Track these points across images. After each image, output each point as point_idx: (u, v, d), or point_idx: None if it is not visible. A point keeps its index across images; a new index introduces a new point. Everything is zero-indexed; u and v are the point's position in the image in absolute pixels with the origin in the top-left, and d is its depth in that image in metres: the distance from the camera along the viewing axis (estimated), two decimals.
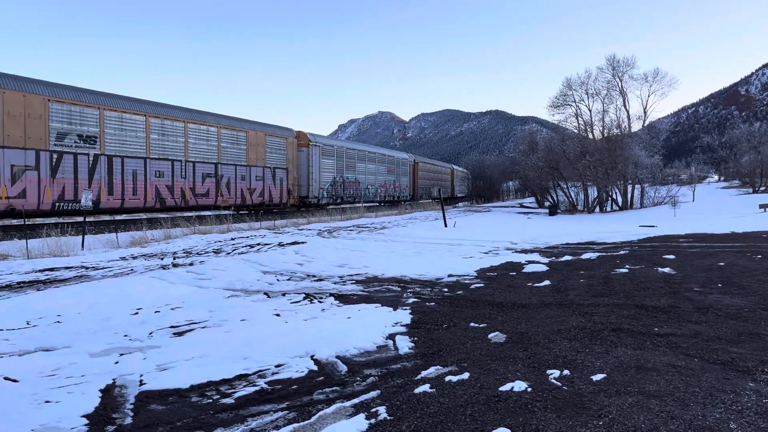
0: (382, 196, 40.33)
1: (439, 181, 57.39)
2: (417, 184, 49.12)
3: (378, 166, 40.08)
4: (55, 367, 4.66)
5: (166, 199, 20.91)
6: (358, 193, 36.10)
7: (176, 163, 21.39)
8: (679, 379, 4.17)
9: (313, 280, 9.49)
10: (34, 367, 4.65)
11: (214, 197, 23.43)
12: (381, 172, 40.54)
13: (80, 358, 4.95)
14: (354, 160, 35.94)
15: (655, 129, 43.78)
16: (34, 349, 5.23)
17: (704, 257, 11.46)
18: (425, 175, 52.09)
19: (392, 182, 42.75)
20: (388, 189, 41.72)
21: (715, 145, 78.62)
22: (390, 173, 42.52)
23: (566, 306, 7.05)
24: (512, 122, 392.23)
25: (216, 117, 24.33)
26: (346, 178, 34.58)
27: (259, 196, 26.39)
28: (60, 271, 9.95)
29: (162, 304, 7.32)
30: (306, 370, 4.63)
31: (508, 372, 4.45)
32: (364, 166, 37.68)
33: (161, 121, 20.81)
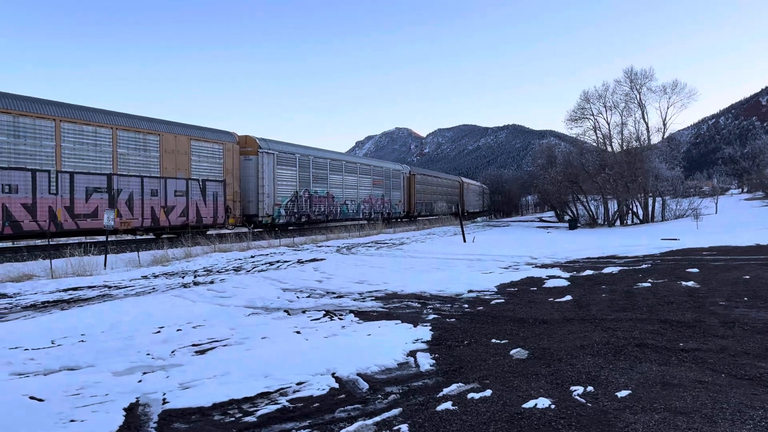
0: (366, 214, 34.67)
1: (444, 195, 53.00)
2: (414, 199, 43.30)
3: (360, 178, 34.42)
4: (80, 386, 4.70)
5: (22, 222, 15.81)
6: (333, 210, 30.66)
7: (40, 175, 16.30)
8: (706, 396, 4.10)
9: (332, 297, 9.50)
10: (59, 386, 4.69)
11: None
12: (365, 185, 34.88)
13: (104, 376, 4.99)
14: (325, 170, 30.29)
15: (675, 141, 43.40)
16: (58, 368, 5.29)
17: (729, 270, 11.28)
18: (425, 188, 46.81)
19: (380, 197, 36.91)
20: (374, 205, 36.00)
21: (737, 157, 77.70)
22: (377, 186, 36.73)
23: (588, 321, 6.97)
24: (530, 136, 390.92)
25: (110, 115, 19.01)
26: (314, 192, 29.11)
27: (180, 215, 21.01)
28: (83, 291, 10.09)
29: (184, 323, 7.37)
30: (327, 387, 4.63)
31: (531, 389, 4.41)
32: (341, 178, 31.96)
33: (14, 119, 15.83)
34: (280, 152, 26.33)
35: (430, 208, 47.32)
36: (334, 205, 30.80)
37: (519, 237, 27.43)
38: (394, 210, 39.69)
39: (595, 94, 40.64)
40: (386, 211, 37.90)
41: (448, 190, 54.76)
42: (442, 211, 49.89)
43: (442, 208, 50.13)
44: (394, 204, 39.58)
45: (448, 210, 51.53)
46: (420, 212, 44.64)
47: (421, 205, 45.13)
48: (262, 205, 25.04)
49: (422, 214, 45.49)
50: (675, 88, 39.53)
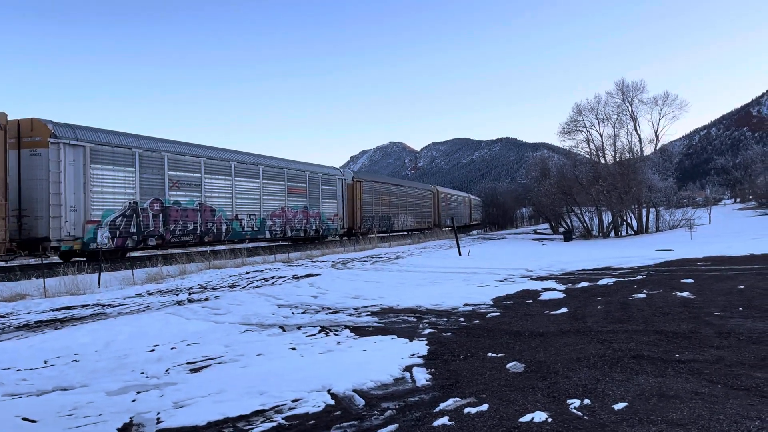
0: (276, 232, 26.39)
1: (411, 207, 45.00)
2: (358, 212, 34.66)
3: (266, 185, 25.89)
4: (73, 407, 4.66)
5: None
6: (212, 228, 22.29)
7: None
8: (702, 407, 4.09)
9: (328, 312, 9.46)
10: (52, 407, 4.65)
11: None
12: (273, 193, 26.38)
13: (97, 396, 4.95)
14: (197, 172, 21.77)
15: (668, 152, 43.65)
16: (51, 388, 5.25)
17: (723, 280, 11.30)
18: (379, 199, 38.05)
19: (299, 209, 28.40)
20: (290, 220, 27.54)
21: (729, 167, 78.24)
22: (295, 195, 28.11)
23: (584, 333, 6.96)
24: (523, 149, 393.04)
25: None
26: (172, 204, 20.54)
27: None
28: (77, 310, 10.02)
29: (178, 340, 7.33)
30: (323, 404, 4.60)
31: (528, 402, 4.39)
32: (228, 184, 23.48)
33: None
34: (97, 144, 18.16)
35: (387, 223, 39.24)
36: (214, 220, 22.47)
37: (514, 249, 27.45)
38: (327, 226, 31.01)
39: (587, 107, 40.93)
40: (312, 228, 29.29)
41: (416, 202, 46.88)
42: (407, 225, 43.20)
43: (407, 223, 43.12)
44: (325, 218, 30.79)
45: (417, 225, 45.73)
46: (370, 228, 35.95)
47: (373, 220, 36.81)
48: (60, 223, 16.63)
49: (375, 230, 36.77)
50: (666, 99, 39.84)
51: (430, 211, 50.82)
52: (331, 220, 31.70)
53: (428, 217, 49.77)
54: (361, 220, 35.15)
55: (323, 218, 30.77)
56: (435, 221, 51.49)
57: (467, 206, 66.50)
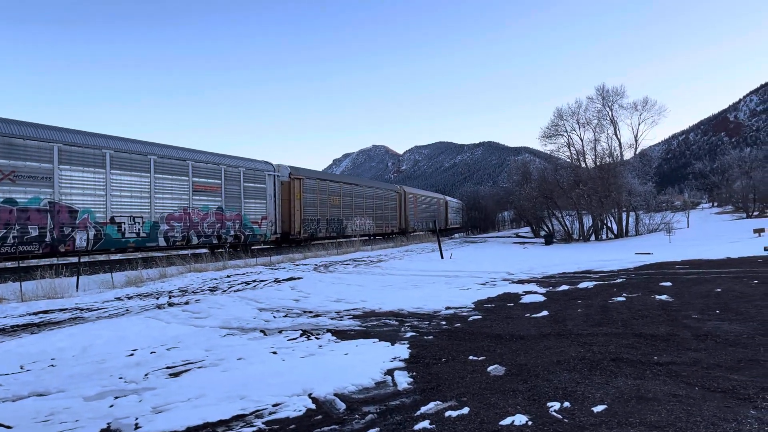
0: (175, 238, 21.00)
1: (370, 209, 39.59)
2: (297, 214, 29.07)
3: (160, 180, 20.58)
4: (49, 413, 4.59)
5: None
6: (67, 235, 17.01)
7: None
8: (680, 409, 4.14)
9: (309, 316, 9.43)
10: (28, 413, 4.58)
11: None
12: (172, 190, 21.09)
13: (74, 402, 4.88)
14: (46, 161, 16.74)
15: (647, 156, 44.20)
16: (27, 394, 5.16)
17: (701, 284, 11.46)
18: (325, 200, 32.60)
19: (212, 210, 23.07)
20: (197, 224, 22.15)
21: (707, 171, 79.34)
22: (205, 194, 22.83)
23: (565, 336, 7.01)
24: (505, 153, 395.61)
25: None
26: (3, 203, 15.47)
27: None
28: (54, 314, 9.87)
29: (158, 345, 7.25)
30: (304, 408, 4.57)
31: (508, 405, 4.41)
32: (100, 178, 18.41)
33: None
34: None
35: (338, 227, 34.02)
36: (75, 225, 17.44)
37: (496, 253, 27.59)
38: (252, 231, 25.53)
39: (568, 111, 41.33)
40: (228, 233, 24.00)
41: (378, 203, 41.43)
42: (365, 230, 38.06)
43: (365, 227, 38.03)
44: (249, 222, 25.33)
45: (379, 229, 40.75)
46: (314, 233, 30.92)
47: (317, 223, 31.29)
48: None
49: (322, 235, 32.09)
50: (645, 104, 40.39)
51: (396, 213, 45.14)
52: (257, 224, 26.02)
53: (393, 220, 44.19)
54: (301, 223, 29.43)
55: (246, 222, 25.25)
56: (401, 225, 46.21)
57: (443, 209, 61.90)
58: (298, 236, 29.44)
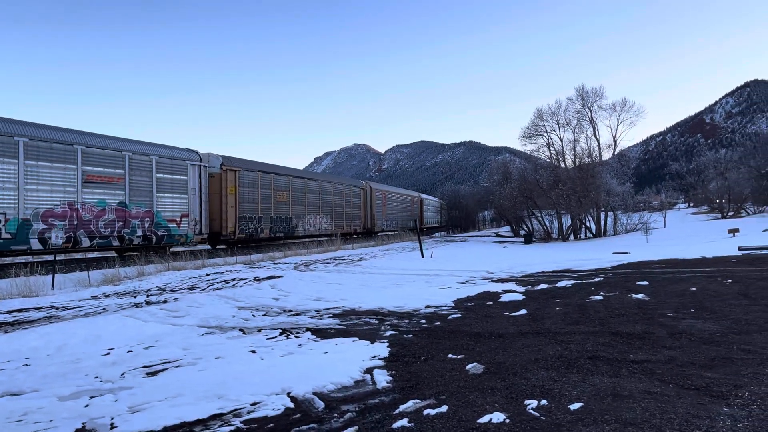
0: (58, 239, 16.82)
1: (328, 206, 35.65)
2: (231, 211, 25.18)
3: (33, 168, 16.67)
4: (23, 412, 4.52)
5: None
6: None
7: None
8: (655, 406, 4.20)
9: (289, 314, 9.39)
10: (1, 413, 4.50)
11: None
12: (52, 181, 17.20)
13: (49, 402, 4.80)
14: None
15: (626, 157, 44.67)
16: (0, 393, 5.07)
17: (676, 283, 11.62)
18: (270, 195, 28.59)
19: (114, 206, 19.06)
20: (94, 222, 18.37)
21: (684, 172, 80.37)
22: (102, 187, 18.85)
23: (543, 335, 7.07)
24: (486, 153, 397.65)
25: None
26: None
27: None
28: (29, 312, 9.71)
29: (135, 344, 7.18)
30: (282, 407, 4.56)
31: (487, 403, 4.43)
32: None
33: None
34: None
35: (285, 226, 30.13)
36: None
37: (476, 252, 27.71)
38: (168, 231, 21.28)
39: (548, 112, 41.61)
40: (135, 234, 19.86)
41: (338, 200, 37.36)
42: (320, 229, 34.21)
43: (320, 226, 34.25)
44: (163, 220, 21.12)
45: (338, 228, 36.86)
46: (253, 233, 27.02)
47: (259, 222, 27.38)
48: None
49: (264, 235, 28.10)
50: (624, 106, 40.81)
51: (359, 212, 41.27)
52: (174, 223, 21.70)
53: (356, 219, 40.34)
54: (236, 222, 25.47)
55: (160, 220, 20.94)
56: (367, 224, 42.49)
57: (417, 207, 58.33)
58: (232, 237, 25.30)
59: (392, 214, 48.76)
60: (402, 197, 53.92)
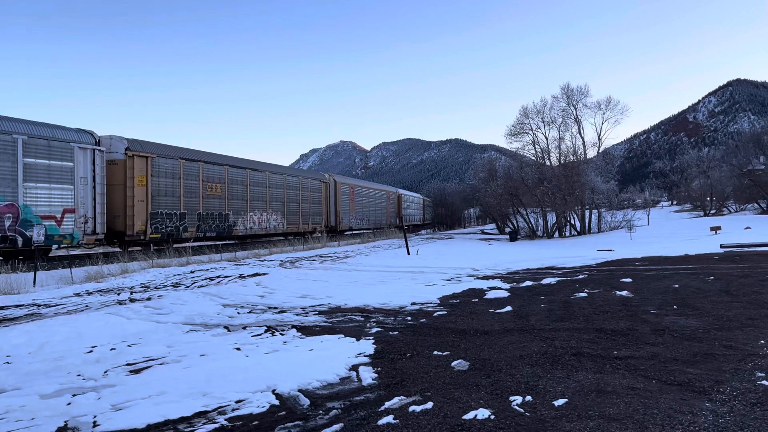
0: None
1: (278, 202, 31.02)
2: (138, 207, 20.86)
3: None
4: (4, 411, 4.46)
5: None
6: None
7: None
8: (638, 402, 4.23)
9: (274, 312, 9.36)
10: None
11: None
12: None
13: (30, 400, 4.74)
14: None
15: (610, 155, 45.16)
16: None
17: (660, 280, 11.74)
18: (192, 187, 23.96)
19: None
20: None
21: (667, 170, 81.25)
22: None
23: (528, 331, 7.10)
24: (472, 150, 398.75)
25: None
26: None
27: None
28: (10, 310, 9.58)
29: (118, 341, 7.11)
30: (267, 405, 4.54)
31: (472, 400, 4.45)
32: None
33: None
34: None
35: (221, 224, 25.75)
36: None
37: (461, 249, 27.80)
38: (44, 230, 16.13)
39: (534, 110, 41.92)
40: None
41: (292, 195, 32.76)
42: (266, 227, 29.75)
43: (267, 224, 29.76)
44: (37, 216, 17.03)
45: (292, 227, 32.56)
46: (174, 233, 22.66)
47: (180, 219, 23.02)
48: None
49: (188, 235, 23.53)
50: (609, 104, 41.26)
51: (320, 208, 36.55)
52: (54, 220, 17.58)
53: (316, 216, 35.88)
54: (148, 219, 21.17)
55: (29, 216, 16.67)
56: (329, 222, 37.88)
57: (394, 204, 53.72)
58: (141, 237, 20.97)
59: (363, 210, 44.85)
60: (376, 192, 49.55)
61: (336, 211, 38.92)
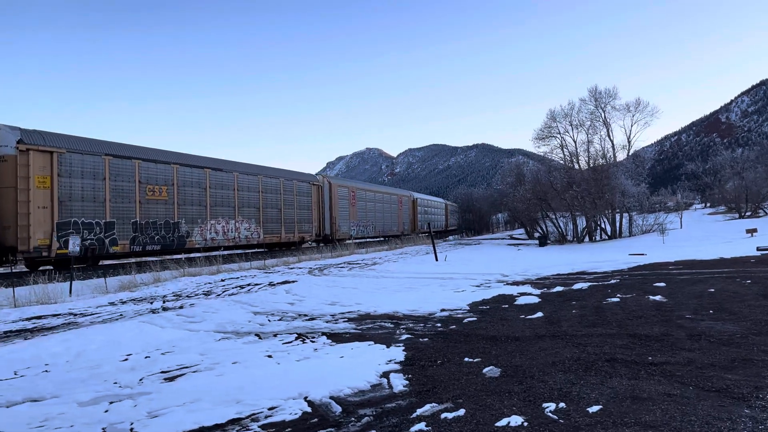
0: None
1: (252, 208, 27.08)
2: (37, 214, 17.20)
3: None
4: (44, 418, 4.56)
5: None
6: None
7: None
8: (675, 409, 4.15)
9: (304, 319, 9.41)
10: (22, 419, 4.55)
11: None
12: None
13: (69, 407, 4.85)
14: None
15: (640, 158, 44.38)
16: (21, 399, 5.13)
17: (694, 284, 11.50)
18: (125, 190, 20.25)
19: None
20: None
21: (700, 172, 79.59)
22: None
23: (559, 337, 7.02)
24: (499, 155, 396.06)
25: None
26: None
27: None
28: (47, 319, 9.82)
29: (152, 349, 7.23)
30: (300, 412, 4.57)
31: (504, 407, 4.41)
32: None
33: None
34: None
35: (163, 234, 21.61)
36: None
37: (490, 255, 27.62)
38: None
39: (561, 113, 41.47)
40: None
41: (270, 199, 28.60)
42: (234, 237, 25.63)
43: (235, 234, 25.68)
44: None
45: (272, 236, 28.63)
46: (95, 246, 19.01)
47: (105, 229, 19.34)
48: None
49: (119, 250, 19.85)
50: (638, 106, 40.55)
51: (309, 214, 32.24)
52: None
53: (305, 223, 31.83)
54: (54, 230, 17.61)
55: None
56: (323, 230, 34.09)
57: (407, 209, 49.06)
58: (45, 253, 17.36)
59: (368, 217, 40.78)
60: (383, 196, 44.57)
61: (331, 218, 34.93)
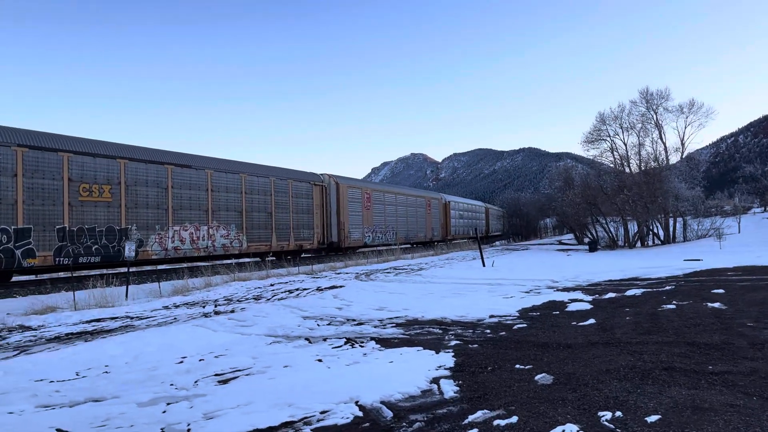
0: None
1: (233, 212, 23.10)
2: None
3: None
4: (105, 418, 4.72)
5: None
6: None
7: None
8: (738, 419, 4.00)
9: (353, 324, 9.46)
10: (85, 418, 4.72)
11: None
12: None
13: (129, 408, 5.01)
14: None
15: (695, 160, 42.96)
16: (83, 399, 5.32)
17: (756, 290, 11.06)
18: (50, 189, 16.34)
19: None
20: None
21: (758, 175, 76.62)
22: None
23: (613, 345, 6.86)
24: (546, 159, 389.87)
25: None
26: None
27: None
28: (106, 322, 10.17)
29: (206, 352, 7.39)
30: (351, 416, 4.59)
31: (558, 414, 4.33)
32: None
33: None
34: None
35: (103, 243, 17.74)
36: None
37: (538, 260, 27.19)
38: None
39: (611, 116, 40.58)
40: None
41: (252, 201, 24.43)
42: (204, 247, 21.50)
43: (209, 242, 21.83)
44: None
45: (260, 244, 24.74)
46: None
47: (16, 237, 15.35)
48: None
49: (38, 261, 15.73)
50: (692, 107, 39.38)
51: (310, 219, 28.44)
52: None
53: (305, 229, 27.90)
54: None
55: None
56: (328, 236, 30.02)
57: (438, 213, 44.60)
58: None
59: (387, 221, 36.47)
60: (406, 199, 39.65)
61: (339, 223, 30.62)
